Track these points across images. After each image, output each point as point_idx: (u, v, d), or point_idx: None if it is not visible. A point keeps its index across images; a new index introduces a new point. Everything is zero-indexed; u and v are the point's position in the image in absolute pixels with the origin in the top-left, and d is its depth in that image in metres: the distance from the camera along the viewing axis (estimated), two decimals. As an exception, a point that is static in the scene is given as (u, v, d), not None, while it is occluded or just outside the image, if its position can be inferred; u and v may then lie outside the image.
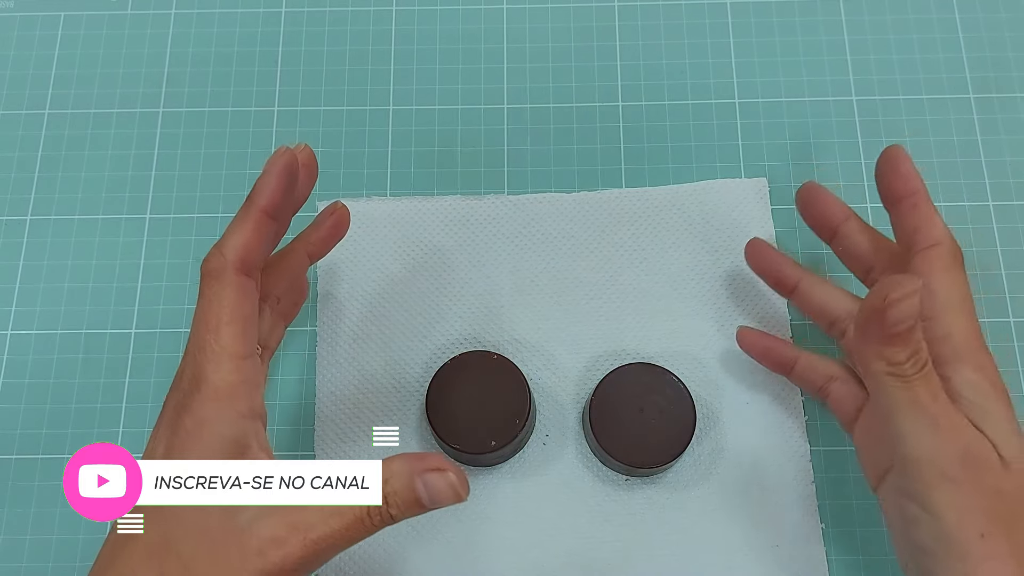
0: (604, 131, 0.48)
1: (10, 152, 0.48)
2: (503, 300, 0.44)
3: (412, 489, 0.31)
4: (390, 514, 0.31)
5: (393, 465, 0.32)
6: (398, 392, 0.43)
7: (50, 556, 0.41)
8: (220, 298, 0.32)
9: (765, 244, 0.42)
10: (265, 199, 0.33)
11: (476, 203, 0.46)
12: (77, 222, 0.47)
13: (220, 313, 0.32)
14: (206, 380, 0.32)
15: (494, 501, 0.41)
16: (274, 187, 0.33)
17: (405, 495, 0.31)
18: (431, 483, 0.31)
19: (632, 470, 0.40)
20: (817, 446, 0.42)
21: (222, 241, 0.33)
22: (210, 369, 0.32)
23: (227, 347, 0.32)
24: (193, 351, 0.32)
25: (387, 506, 0.31)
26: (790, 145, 0.48)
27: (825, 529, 0.41)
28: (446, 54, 0.50)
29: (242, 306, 0.33)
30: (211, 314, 0.32)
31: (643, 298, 0.44)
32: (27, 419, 0.44)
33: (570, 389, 0.43)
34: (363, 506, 0.31)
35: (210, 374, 0.32)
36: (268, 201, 0.33)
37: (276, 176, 0.33)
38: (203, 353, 0.32)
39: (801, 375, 0.41)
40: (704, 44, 0.50)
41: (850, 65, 0.49)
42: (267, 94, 0.49)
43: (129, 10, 0.51)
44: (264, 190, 0.33)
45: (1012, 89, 0.48)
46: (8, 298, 0.46)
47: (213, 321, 0.32)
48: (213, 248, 0.33)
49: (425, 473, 0.31)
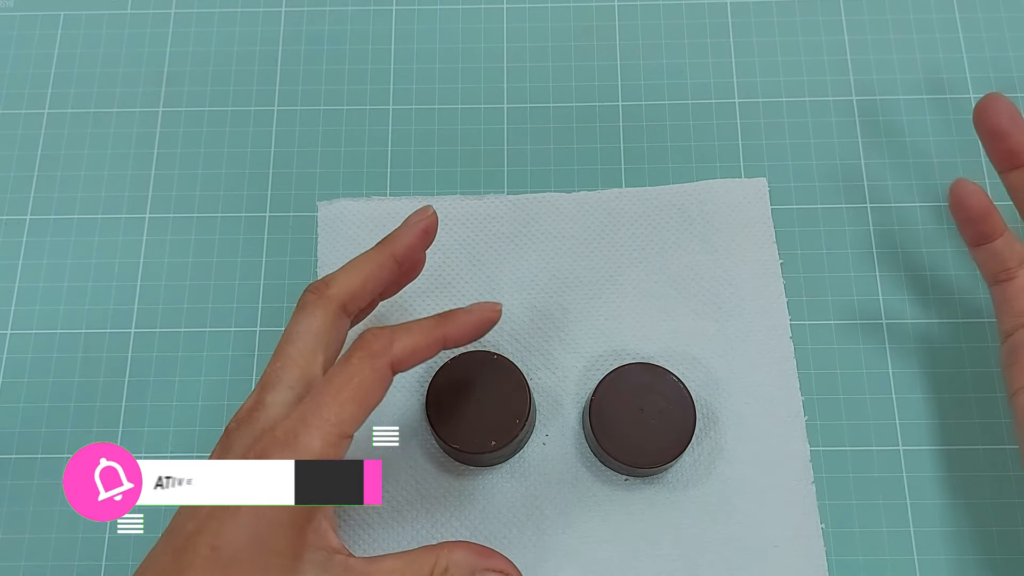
0: (604, 131, 0.48)
1: (9, 151, 0.48)
2: (503, 300, 0.44)
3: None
4: None
5: (455, 554, 0.31)
6: (398, 392, 0.43)
7: (49, 555, 0.41)
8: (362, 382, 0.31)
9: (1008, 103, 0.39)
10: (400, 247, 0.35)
11: (476, 203, 0.46)
12: (76, 221, 0.47)
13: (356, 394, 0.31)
14: (303, 445, 0.30)
15: (494, 501, 0.41)
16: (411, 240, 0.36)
17: None
18: None
19: (632, 470, 0.40)
20: (817, 446, 0.42)
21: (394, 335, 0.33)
22: (315, 436, 0.30)
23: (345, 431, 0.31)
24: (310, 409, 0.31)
25: None
26: (790, 145, 0.48)
27: (825, 529, 0.41)
28: (446, 53, 0.50)
29: (376, 396, 0.32)
30: (347, 389, 0.31)
31: (643, 298, 0.44)
32: (26, 418, 0.44)
33: (570, 389, 0.43)
34: None
35: (311, 441, 0.30)
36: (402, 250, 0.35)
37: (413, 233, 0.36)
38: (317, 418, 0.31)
39: (996, 250, 0.39)
40: (704, 44, 0.50)
41: (850, 65, 0.49)
42: (267, 93, 0.49)
43: (129, 9, 0.51)
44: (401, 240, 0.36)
45: (1012, 89, 0.48)
46: (7, 297, 0.46)
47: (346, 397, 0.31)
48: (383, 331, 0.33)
49: (488, 573, 0.31)
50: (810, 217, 0.46)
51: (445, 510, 0.41)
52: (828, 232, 0.46)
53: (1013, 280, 0.38)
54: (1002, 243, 0.39)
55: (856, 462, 0.42)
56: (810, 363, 0.44)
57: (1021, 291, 0.38)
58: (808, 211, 0.46)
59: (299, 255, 0.46)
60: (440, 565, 0.31)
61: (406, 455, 0.42)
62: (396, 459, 0.42)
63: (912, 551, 0.41)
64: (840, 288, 0.45)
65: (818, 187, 0.47)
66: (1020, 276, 0.38)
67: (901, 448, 0.42)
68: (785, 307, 0.44)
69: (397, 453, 0.42)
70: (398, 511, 0.41)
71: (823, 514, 0.41)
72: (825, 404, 0.43)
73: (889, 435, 0.42)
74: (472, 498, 0.41)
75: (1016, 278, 0.38)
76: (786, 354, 0.43)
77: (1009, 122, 0.38)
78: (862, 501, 0.41)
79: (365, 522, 0.41)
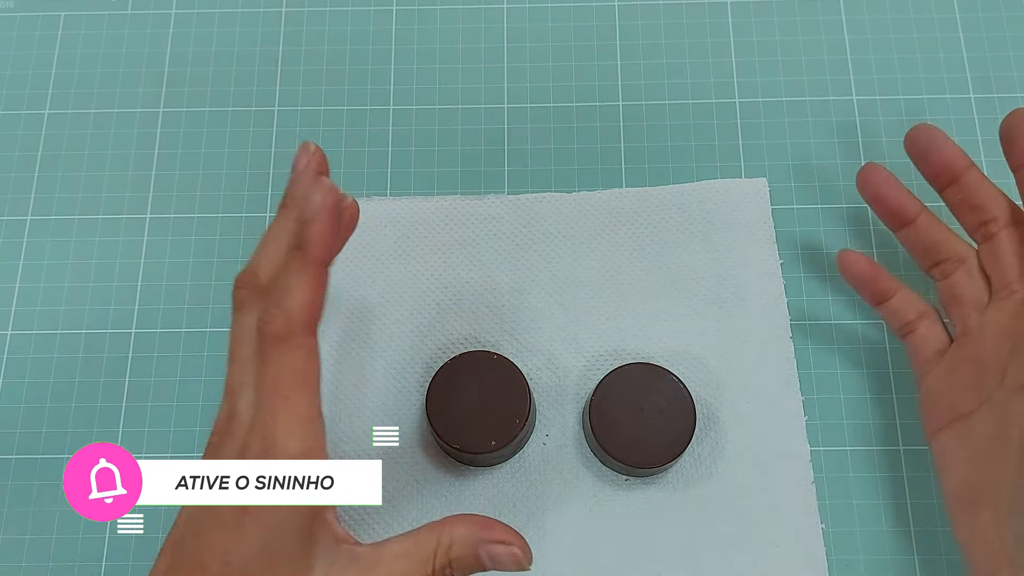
0: (604, 131, 0.48)
1: (10, 152, 0.48)
2: (503, 300, 0.44)
3: (476, 557, 0.31)
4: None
5: (457, 530, 0.31)
6: (398, 392, 0.43)
7: (49, 556, 0.41)
8: (291, 364, 0.30)
9: (884, 170, 0.42)
10: (320, 250, 0.30)
11: (476, 203, 0.46)
12: (77, 222, 0.47)
13: (292, 380, 0.30)
14: (280, 447, 0.29)
15: (494, 501, 0.41)
16: (327, 234, 0.30)
17: (469, 562, 0.31)
18: (495, 554, 0.31)
19: (632, 470, 0.40)
20: (817, 446, 0.42)
21: (282, 299, 0.30)
22: (283, 436, 0.29)
23: (302, 413, 0.30)
24: (263, 417, 0.30)
25: (452, 570, 0.31)
26: (790, 145, 0.48)
27: (825, 529, 0.41)
28: (446, 53, 0.50)
29: (313, 369, 0.30)
30: (281, 381, 0.30)
31: (643, 298, 0.44)
32: (27, 418, 0.44)
33: (570, 389, 0.43)
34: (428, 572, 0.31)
35: (285, 442, 0.29)
36: (324, 252, 0.30)
37: (326, 222, 0.30)
38: (275, 421, 0.30)
39: (896, 307, 0.41)
40: (704, 44, 0.50)
41: (850, 65, 0.49)
42: (267, 94, 0.49)
43: (129, 10, 0.51)
44: (318, 239, 0.30)
45: (1012, 89, 0.48)
46: (8, 298, 0.46)
47: (284, 388, 0.30)
48: (272, 307, 0.30)
49: (490, 544, 0.31)
50: (810, 217, 0.46)
51: (445, 510, 0.41)
52: (828, 232, 0.46)
53: (915, 332, 0.40)
54: (899, 300, 0.41)
55: (856, 462, 0.42)
56: (810, 363, 0.44)
57: (924, 342, 0.40)
58: (808, 211, 0.46)
59: (299, 255, 0.46)
60: (444, 543, 0.31)
61: (406, 455, 0.42)
62: (396, 459, 0.42)
63: (912, 551, 0.41)
64: (840, 288, 0.45)
65: (818, 187, 0.47)
66: (921, 328, 0.40)
67: (901, 448, 0.42)
68: (785, 307, 0.44)
69: (397, 453, 0.42)
70: (398, 511, 0.41)
71: (823, 514, 0.41)
72: (825, 404, 0.43)
73: (889, 435, 0.42)
74: (472, 498, 0.41)
75: (917, 330, 0.40)
76: (786, 354, 0.43)
77: (887, 187, 0.41)
78: (862, 501, 0.41)
79: (366, 522, 0.41)
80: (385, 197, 0.47)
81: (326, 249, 0.30)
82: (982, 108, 0.48)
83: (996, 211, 0.39)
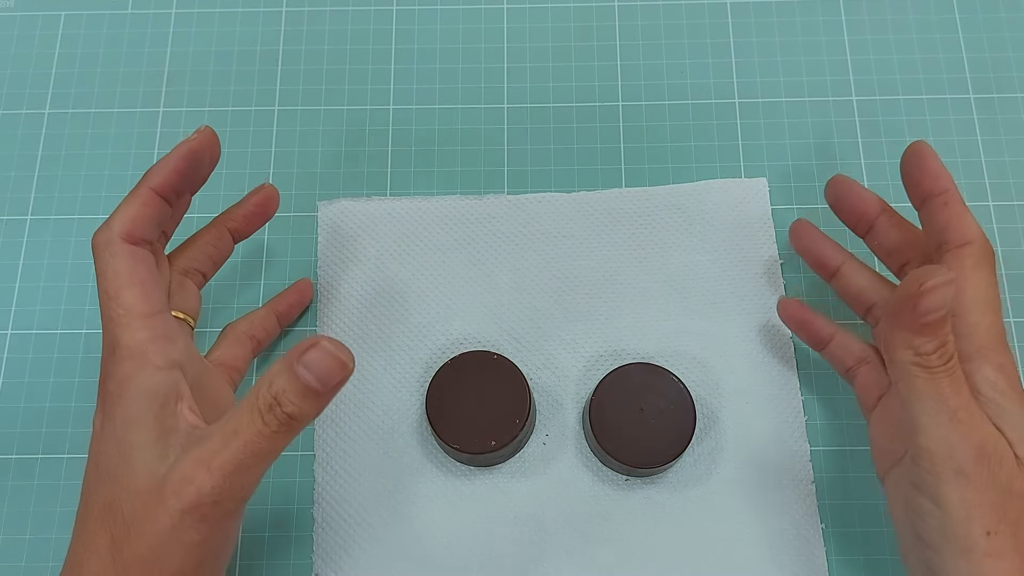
0: (604, 131, 0.48)
1: (10, 151, 0.48)
2: (503, 300, 0.44)
3: (296, 378, 0.30)
4: (286, 413, 0.30)
5: (273, 368, 0.31)
6: (398, 392, 0.43)
7: (49, 555, 0.41)
8: (113, 266, 0.34)
9: (810, 225, 0.42)
10: (156, 180, 0.35)
11: (476, 203, 0.46)
12: (77, 221, 0.47)
13: (116, 280, 0.34)
14: (119, 343, 0.33)
15: (494, 501, 0.41)
16: (170, 169, 0.35)
17: (292, 387, 0.30)
18: (311, 362, 0.30)
19: (632, 470, 0.40)
20: (817, 446, 0.42)
21: (109, 218, 0.35)
22: (120, 332, 0.33)
23: (132, 309, 0.33)
24: (104, 322, 0.34)
25: (279, 405, 0.30)
26: (790, 145, 0.48)
27: (825, 529, 0.41)
28: (446, 53, 0.50)
29: (137, 270, 0.34)
30: (108, 283, 0.34)
31: (643, 298, 0.44)
32: (27, 418, 0.44)
33: (570, 389, 0.43)
34: (257, 415, 0.31)
35: (121, 337, 0.33)
36: (159, 182, 0.35)
37: (175, 160, 0.35)
38: (111, 320, 0.33)
39: (834, 353, 0.41)
40: (704, 44, 0.50)
41: (850, 65, 0.49)
42: (267, 93, 0.49)
43: (129, 9, 0.51)
44: (159, 171, 0.35)
45: (1012, 89, 0.48)
46: (8, 297, 0.46)
47: (112, 289, 0.34)
48: (101, 225, 0.35)
49: (301, 356, 0.30)
50: (810, 217, 0.46)
51: (445, 510, 0.41)
52: (828, 232, 0.46)
53: (856, 377, 0.40)
54: (835, 345, 0.41)
55: (856, 462, 0.42)
56: (810, 363, 0.44)
57: (864, 388, 0.39)
58: (808, 211, 0.46)
59: (299, 255, 0.46)
60: (264, 383, 0.31)
61: (406, 455, 0.42)
62: (396, 459, 0.42)
63: (912, 551, 0.41)
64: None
65: (818, 187, 0.47)
66: (860, 374, 0.40)
67: (901, 448, 0.42)
68: (785, 307, 0.44)
69: (397, 453, 0.42)
70: (398, 511, 0.41)
71: (823, 514, 0.41)
72: (825, 404, 0.43)
73: (889, 435, 0.43)
74: (472, 498, 0.41)
75: (858, 376, 0.40)
76: (786, 354, 0.44)
77: (809, 240, 0.42)
78: (862, 501, 0.41)
79: (366, 522, 0.41)
80: (385, 197, 0.47)
81: (162, 179, 0.35)
82: (982, 108, 0.48)
83: (910, 253, 0.39)
